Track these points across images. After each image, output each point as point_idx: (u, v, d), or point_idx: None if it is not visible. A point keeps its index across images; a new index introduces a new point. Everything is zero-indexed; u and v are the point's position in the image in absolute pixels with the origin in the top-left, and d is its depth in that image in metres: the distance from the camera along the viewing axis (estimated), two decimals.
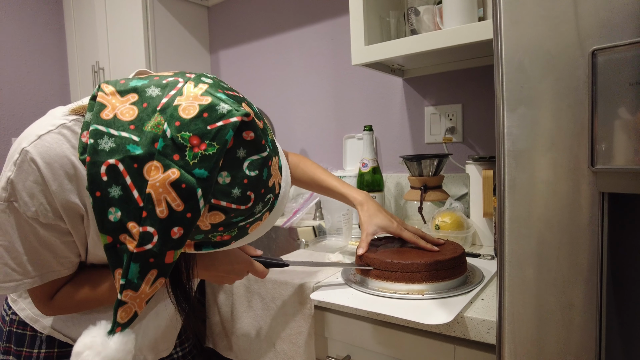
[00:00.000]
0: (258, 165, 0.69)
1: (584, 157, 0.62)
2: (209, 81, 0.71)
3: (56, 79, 3.01)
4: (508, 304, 0.69)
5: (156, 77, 0.73)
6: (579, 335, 0.63)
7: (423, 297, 1.00)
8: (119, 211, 0.66)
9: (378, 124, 2.07)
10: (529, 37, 0.66)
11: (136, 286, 0.68)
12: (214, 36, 2.75)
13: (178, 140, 0.64)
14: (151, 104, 0.68)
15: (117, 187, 0.65)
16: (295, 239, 1.88)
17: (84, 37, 2.80)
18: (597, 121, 0.60)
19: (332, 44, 2.21)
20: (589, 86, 0.61)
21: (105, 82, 0.74)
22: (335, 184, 1.27)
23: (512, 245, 0.68)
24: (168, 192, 0.64)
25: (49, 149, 0.77)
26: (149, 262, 0.67)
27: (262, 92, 2.52)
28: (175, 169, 0.64)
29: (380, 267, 1.06)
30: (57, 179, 0.78)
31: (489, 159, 1.44)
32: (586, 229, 0.62)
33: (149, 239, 0.66)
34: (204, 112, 0.66)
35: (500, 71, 0.68)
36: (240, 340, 1.29)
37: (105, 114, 0.69)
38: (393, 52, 1.48)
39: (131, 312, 0.70)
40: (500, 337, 0.70)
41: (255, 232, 0.79)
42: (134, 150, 0.65)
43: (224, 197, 0.67)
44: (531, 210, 0.67)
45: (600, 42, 0.60)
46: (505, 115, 0.68)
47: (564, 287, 0.64)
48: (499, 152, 0.69)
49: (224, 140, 0.65)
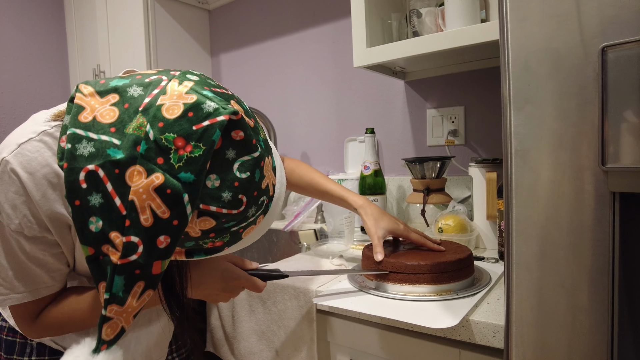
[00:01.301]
0: (249, 166, 0.65)
1: (593, 156, 0.61)
2: (195, 78, 0.67)
3: (57, 82, 3.00)
4: (515, 306, 0.68)
5: (138, 75, 0.69)
6: (589, 339, 0.62)
7: (428, 300, 0.99)
8: (100, 220, 0.61)
9: (380, 127, 2.06)
10: (535, 35, 0.65)
11: (121, 300, 0.63)
12: (215, 39, 2.74)
13: (162, 142, 0.60)
14: (133, 105, 0.64)
15: (97, 195, 0.61)
16: (297, 242, 1.87)
17: (85, 40, 2.80)
18: (608, 119, 0.59)
19: (334, 46, 2.20)
20: (599, 83, 0.60)
21: (84, 83, 0.69)
22: (333, 188, 1.25)
23: (519, 246, 0.67)
24: (152, 199, 0.60)
25: (31, 158, 0.73)
26: (135, 274, 0.63)
27: (263, 95, 2.51)
28: (159, 174, 0.60)
29: (385, 270, 1.05)
30: (40, 189, 0.74)
31: (492, 161, 1.43)
32: (595, 229, 0.61)
33: (134, 250, 0.61)
34: (189, 111, 0.61)
35: (507, 70, 0.68)
36: (242, 345, 1.27)
37: (83, 117, 0.64)
38: (395, 54, 1.47)
39: (117, 327, 0.65)
40: (508, 341, 0.69)
41: (249, 237, 0.75)
42: (115, 155, 0.61)
43: (213, 201, 0.63)
44: (539, 210, 0.65)
45: (609, 39, 0.59)
46: (511, 114, 0.67)
47: (573, 289, 0.63)
48: (506, 151, 0.68)
49: (211, 141, 0.61)
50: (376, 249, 1.11)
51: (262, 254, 2.00)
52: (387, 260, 1.06)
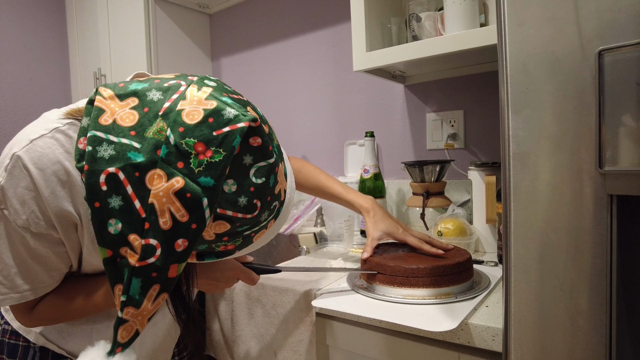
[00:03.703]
0: (265, 172, 0.66)
1: (590, 159, 0.61)
2: (213, 84, 0.68)
3: (58, 85, 3.00)
4: (514, 310, 0.68)
5: (157, 79, 0.70)
6: (588, 342, 0.62)
7: (427, 303, 0.98)
8: (120, 223, 0.62)
9: (379, 130, 2.06)
10: (533, 39, 0.65)
11: (138, 303, 0.64)
12: (215, 43, 2.74)
13: (182, 147, 0.61)
14: (152, 109, 0.65)
15: (117, 197, 0.62)
16: (296, 245, 1.87)
17: (86, 43, 2.80)
18: (605, 122, 0.59)
19: (334, 50, 2.20)
20: (596, 87, 0.60)
21: (103, 86, 0.70)
22: (340, 191, 1.26)
23: (517, 249, 0.67)
24: (172, 202, 0.61)
25: (42, 154, 0.74)
26: (151, 277, 0.64)
27: (263, 99, 2.52)
28: (179, 178, 0.61)
29: (383, 272, 1.05)
30: (49, 186, 0.74)
31: (492, 165, 1.43)
32: (593, 232, 0.61)
33: (152, 252, 0.62)
34: (209, 117, 0.63)
35: (505, 73, 0.68)
36: (241, 349, 1.27)
37: (104, 119, 0.65)
38: (394, 58, 1.48)
39: (132, 330, 0.66)
40: (507, 344, 0.69)
41: (259, 241, 0.76)
42: (135, 158, 0.62)
43: (230, 206, 0.64)
44: (537, 213, 0.66)
45: (606, 43, 0.59)
46: (510, 117, 0.67)
47: (571, 292, 0.63)
48: (504, 154, 0.68)
49: (231, 147, 0.62)
50: (366, 248, 1.14)
51: (262, 258, 2.00)
52: (386, 263, 1.06)
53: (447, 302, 0.98)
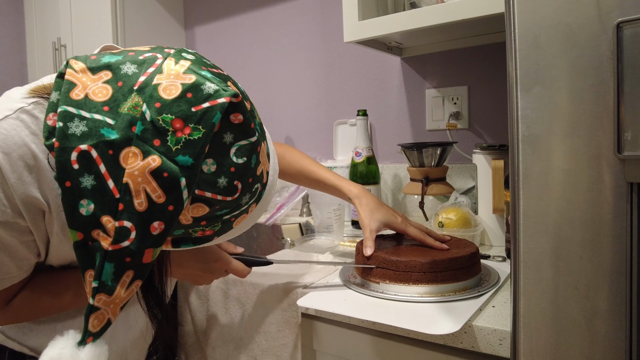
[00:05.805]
0: (246, 151, 0.68)
1: (609, 143, 0.61)
2: (191, 57, 0.69)
3: (13, 57, 2.98)
4: (524, 310, 0.68)
5: (131, 52, 0.71)
6: (605, 346, 0.62)
7: (426, 302, 0.98)
8: (92, 203, 0.63)
9: (373, 108, 2.05)
10: (545, 9, 0.65)
11: (110, 289, 0.65)
12: (189, 10, 2.72)
13: (159, 123, 0.62)
14: (127, 83, 0.66)
15: (89, 177, 0.63)
16: (279, 237, 1.87)
17: (44, 11, 2.77)
18: (624, 102, 0.59)
19: (322, 19, 2.19)
20: (614, 62, 0.60)
21: (74, 58, 0.70)
22: (327, 176, 1.26)
23: (527, 243, 0.67)
24: (148, 182, 0.62)
25: (6, 137, 0.75)
26: (125, 262, 0.65)
27: (243, 73, 2.50)
28: (155, 156, 0.62)
29: (381, 266, 1.05)
30: (15, 171, 0.75)
31: (499, 148, 1.43)
32: (612, 224, 0.61)
33: (126, 235, 0.63)
34: (187, 92, 0.64)
35: (513, 47, 0.68)
36: (217, 353, 1.27)
37: (75, 94, 0.66)
38: (390, 28, 1.47)
39: (104, 319, 0.67)
40: (515, 349, 0.69)
41: (240, 227, 0.78)
42: (109, 135, 0.62)
43: (209, 187, 0.65)
44: (549, 203, 0.66)
45: (626, 14, 0.59)
46: (519, 96, 0.67)
47: (587, 291, 0.63)
48: (512, 137, 0.68)
49: (211, 124, 0.63)
50: (366, 243, 1.13)
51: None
52: (380, 256, 1.05)
53: (449, 301, 0.98)
